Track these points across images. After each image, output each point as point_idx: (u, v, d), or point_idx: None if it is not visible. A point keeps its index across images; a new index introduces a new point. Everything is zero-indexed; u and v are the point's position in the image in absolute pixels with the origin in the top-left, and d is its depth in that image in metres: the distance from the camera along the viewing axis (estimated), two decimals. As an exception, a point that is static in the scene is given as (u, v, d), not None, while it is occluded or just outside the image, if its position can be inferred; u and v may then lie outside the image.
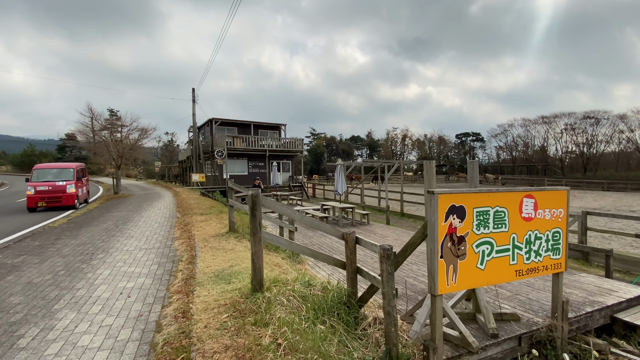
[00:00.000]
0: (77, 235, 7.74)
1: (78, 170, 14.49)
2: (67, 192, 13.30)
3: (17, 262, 5.52)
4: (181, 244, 6.59)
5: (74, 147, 56.88)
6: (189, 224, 8.37)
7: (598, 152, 61.78)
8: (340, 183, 12.61)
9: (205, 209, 11.03)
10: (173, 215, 10.59)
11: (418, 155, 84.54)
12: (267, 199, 4.59)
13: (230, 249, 5.86)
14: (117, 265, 5.31)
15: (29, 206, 12.71)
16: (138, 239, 7.26)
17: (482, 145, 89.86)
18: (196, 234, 7.10)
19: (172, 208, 12.55)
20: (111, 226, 8.85)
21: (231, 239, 6.52)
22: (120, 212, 11.58)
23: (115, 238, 7.35)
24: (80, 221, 9.75)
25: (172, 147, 71.53)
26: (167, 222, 9.43)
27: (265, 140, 25.87)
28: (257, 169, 26.61)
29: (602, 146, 61.47)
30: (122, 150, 18.78)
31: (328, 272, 6.42)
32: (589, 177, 52.41)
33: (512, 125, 75.02)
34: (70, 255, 5.95)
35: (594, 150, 62.12)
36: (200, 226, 7.94)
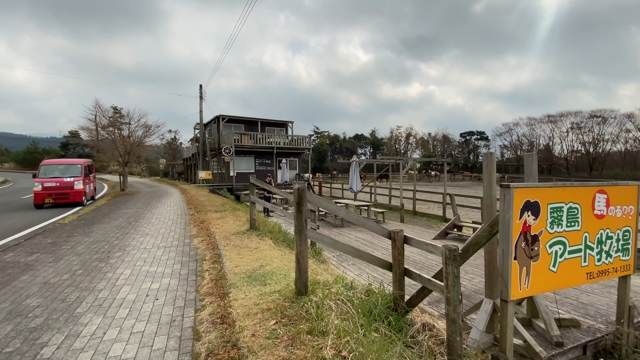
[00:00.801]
0: (90, 232, 7.42)
1: (86, 167, 14.20)
2: (75, 189, 13.00)
3: (30, 261, 5.20)
4: (201, 241, 6.26)
5: (77, 145, 56.67)
6: (205, 221, 8.04)
7: (604, 152, 61.23)
8: (355, 180, 12.26)
9: (218, 206, 10.70)
10: (185, 213, 10.26)
11: (422, 154, 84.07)
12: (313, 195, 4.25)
13: (255, 247, 5.52)
14: (137, 264, 4.98)
15: (36, 203, 12.41)
16: (154, 236, 6.93)
17: (486, 144, 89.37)
18: (215, 231, 6.77)
19: (182, 205, 12.23)
20: (123, 223, 8.53)
21: (254, 237, 6.18)
22: (130, 209, 11.27)
23: (129, 235, 7.03)
24: (91, 218, 9.44)
25: (175, 145, 71.24)
26: (181, 219, 9.10)
27: (272, 138, 25.52)
28: (264, 166, 26.28)
29: (608, 145, 60.93)
30: (130, 146, 18.46)
31: (355, 273, 6.09)
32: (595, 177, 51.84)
33: (517, 124, 74.56)
34: (85, 253, 5.63)
35: (599, 149, 61.58)
36: (218, 224, 7.60)
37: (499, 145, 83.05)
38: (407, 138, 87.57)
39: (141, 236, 6.96)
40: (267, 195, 13.66)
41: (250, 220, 6.71)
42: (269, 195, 13.69)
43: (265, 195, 13.69)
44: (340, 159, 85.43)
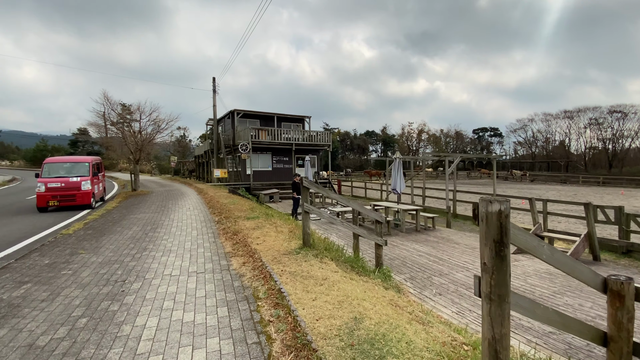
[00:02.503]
0: (98, 247, 5.96)
1: (94, 165, 12.83)
2: (82, 190, 11.64)
3: (16, 298, 3.73)
4: (242, 264, 4.74)
5: (87, 142, 55.98)
6: (238, 233, 6.52)
7: (623, 148, 58.51)
8: (398, 180, 10.67)
9: (247, 210, 9.19)
10: (209, 219, 8.78)
11: (433, 151, 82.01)
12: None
13: (323, 277, 3.97)
14: (165, 306, 3.47)
15: (39, 206, 11.08)
16: (179, 254, 5.44)
17: (499, 141, 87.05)
18: (258, 249, 5.23)
19: (202, 209, 10.76)
20: (139, 234, 7.07)
21: (312, 260, 4.63)
22: (145, 214, 9.83)
23: (148, 253, 5.55)
24: (100, 226, 8.01)
25: (184, 143, 70.25)
26: (206, 227, 7.62)
27: (289, 134, 23.97)
28: (282, 164, 24.77)
29: (627, 142, 58.18)
30: (141, 142, 17.08)
31: (452, 310, 4.49)
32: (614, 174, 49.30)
33: (532, 120, 72.03)
34: (92, 284, 4.14)
35: (619, 146, 58.87)
36: (256, 236, 6.08)
37: (513, 142, 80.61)
38: (420, 134, 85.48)
39: (163, 254, 5.47)
40: (297, 197, 12.14)
41: (303, 235, 5.17)
42: (298, 197, 12.16)
43: (294, 197, 12.17)
44: (351, 156, 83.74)
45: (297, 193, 12.07)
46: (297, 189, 12.11)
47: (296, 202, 12.20)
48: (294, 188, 12.14)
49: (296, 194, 12.09)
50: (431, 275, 5.87)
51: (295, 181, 12.29)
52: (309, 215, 5.21)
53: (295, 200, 12.14)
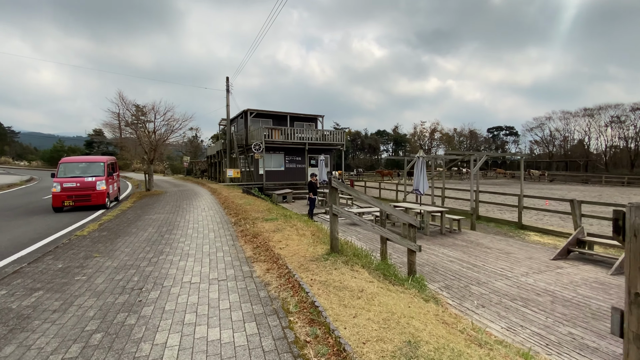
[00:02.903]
0: (113, 250, 5.68)
1: (109, 165, 12.71)
2: (97, 190, 11.50)
3: (26, 308, 3.44)
4: (266, 271, 4.36)
5: (101, 143, 56.88)
6: (258, 235, 6.16)
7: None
8: (421, 181, 10.16)
9: (264, 211, 8.85)
10: (225, 220, 8.46)
11: (446, 150, 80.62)
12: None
13: (359, 288, 3.56)
14: (187, 320, 3.12)
15: (55, 205, 10.98)
16: (198, 259, 5.10)
17: (515, 140, 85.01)
18: (282, 254, 4.85)
19: (217, 209, 10.47)
20: (154, 235, 6.79)
21: (342, 268, 4.22)
22: (160, 215, 9.59)
23: (165, 257, 5.23)
24: (115, 227, 7.77)
25: (196, 143, 70.77)
26: (223, 229, 7.29)
27: (302, 133, 23.61)
28: (294, 164, 24.44)
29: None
30: (156, 142, 16.98)
31: (501, 325, 4.01)
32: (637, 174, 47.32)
33: (550, 118, 69.90)
34: (107, 292, 3.83)
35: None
36: (277, 239, 5.70)
37: (529, 141, 78.58)
38: (432, 134, 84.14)
39: (181, 258, 5.15)
40: (313, 197, 11.76)
41: (331, 239, 4.76)
42: (314, 198, 11.78)
43: (310, 197, 11.79)
44: (362, 156, 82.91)
45: (313, 193, 11.70)
46: (313, 189, 11.73)
47: (312, 203, 11.83)
48: (310, 188, 11.77)
49: (312, 194, 11.72)
50: (468, 283, 5.39)
51: (312, 181, 11.91)
52: (337, 218, 4.80)
53: (312, 200, 11.76)
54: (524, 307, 4.56)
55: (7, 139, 77.59)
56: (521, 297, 4.89)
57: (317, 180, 12.19)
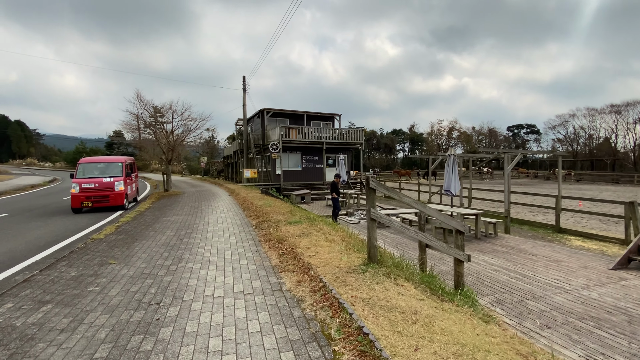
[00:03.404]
0: (130, 256, 5.30)
1: (127, 165, 12.55)
2: (116, 190, 11.33)
3: (31, 326, 3.04)
4: (297, 283, 3.85)
5: (121, 144, 58.14)
6: (282, 240, 5.66)
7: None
8: (453, 181, 9.46)
9: (285, 214, 8.37)
10: (246, 223, 8.03)
11: (464, 149, 78.63)
12: None
13: (411, 309, 2.99)
14: (212, 346, 2.63)
15: (74, 206, 10.86)
16: (220, 267, 4.65)
17: (536, 138, 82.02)
18: (313, 263, 4.33)
19: (237, 211, 10.08)
20: (173, 239, 6.40)
21: (385, 281, 3.66)
22: (178, 216, 9.27)
23: (184, 264, 4.80)
24: (132, 230, 7.45)
25: (212, 144, 71.44)
26: (244, 233, 6.84)
27: (320, 132, 23.09)
28: (312, 163, 23.95)
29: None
30: (174, 142, 16.83)
31: (578, 353, 3.36)
32: None
33: (573, 115, 66.85)
34: (121, 306, 3.40)
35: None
36: (305, 246, 5.18)
37: (552, 139, 75.57)
38: (450, 132, 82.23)
39: (201, 266, 4.70)
40: (336, 198, 11.22)
41: (369, 248, 4.20)
42: (336, 198, 11.24)
43: (333, 198, 11.26)
44: (377, 156, 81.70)
45: (336, 194, 11.15)
46: (336, 189, 11.20)
47: (336, 204, 11.28)
48: (333, 189, 11.23)
49: (335, 195, 11.18)
50: (522, 298, 4.72)
51: (335, 182, 11.37)
52: (375, 223, 4.24)
53: (335, 201, 11.22)
54: (598, 328, 3.88)
55: (33, 141, 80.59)
56: (590, 315, 4.20)
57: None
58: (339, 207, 11.54)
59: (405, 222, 10.05)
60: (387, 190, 4.19)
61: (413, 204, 4.34)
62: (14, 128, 74.10)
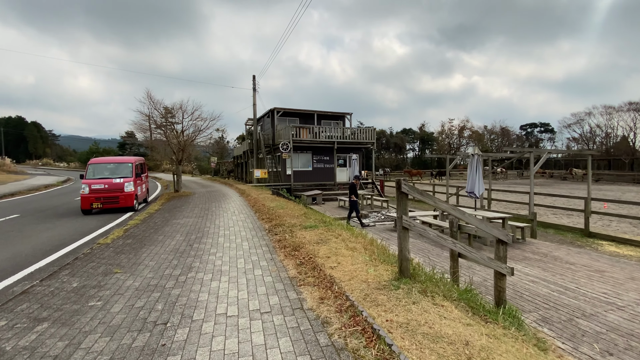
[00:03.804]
0: (137, 264, 4.94)
1: (137, 165, 12.31)
2: (125, 192, 11.09)
3: (22, 352, 2.67)
4: (320, 300, 3.40)
5: (133, 144, 58.70)
6: (299, 248, 5.23)
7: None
8: (477, 182, 8.89)
9: (299, 217, 7.94)
10: (258, 227, 7.63)
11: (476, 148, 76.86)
12: None
13: (460, 339, 2.52)
14: (226, 384, 2.21)
15: (83, 208, 10.65)
16: (233, 278, 4.24)
17: (551, 137, 79.92)
18: (335, 275, 3.89)
19: (248, 213, 9.70)
20: (182, 245, 6.04)
21: (422, 300, 3.19)
22: (188, 219, 8.94)
23: (194, 274, 4.41)
24: (140, 234, 7.13)
25: (222, 144, 71.67)
26: (257, 238, 6.44)
27: (331, 131, 22.62)
28: (322, 163, 23.51)
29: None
30: (184, 142, 16.61)
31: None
32: None
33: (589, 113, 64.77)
34: (123, 327, 3.01)
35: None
36: (325, 254, 4.74)
37: (567, 138, 73.45)
38: (461, 131, 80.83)
39: (212, 277, 4.31)
40: (354, 200, 10.76)
41: (400, 261, 3.74)
42: (354, 201, 10.77)
43: (352, 200, 10.79)
44: (387, 155, 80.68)
45: (355, 196, 10.68)
46: (355, 191, 10.72)
47: (355, 206, 10.80)
48: (352, 191, 10.74)
49: (354, 197, 10.69)
50: (571, 316, 4.18)
51: (354, 183, 10.87)
52: (408, 232, 3.77)
53: (354, 203, 10.73)
54: (669, 356, 3.33)
55: (49, 142, 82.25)
56: None
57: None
58: (359, 210, 11.05)
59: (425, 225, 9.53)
60: (421, 194, 3.71)
61: (450, 210, 3.85)
62: (30, 129, 75.70)
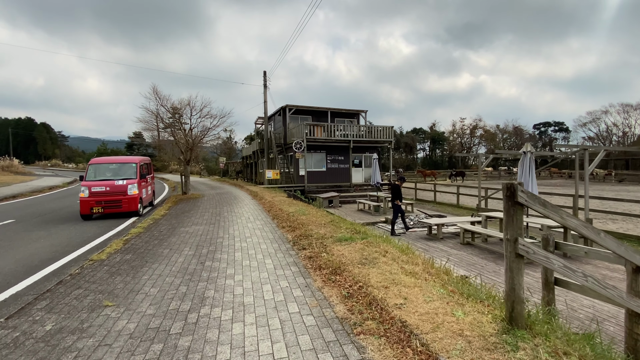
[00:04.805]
0: (134, 292, 3.85)
1: (142, 166, 11.31)
2: (129, 195, 10.08)
3: None
4: (398, 367, 2.26)
5: (141, 145, 58.33)
6: (341, 271, 4.09)
7: None
8: (530, 183, 7.61)
9: (327, 225, 6.80)
10: (279, 237, 6.51)
11: (487, 149, 75.41)
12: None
13: None
14: None
15: (83, 213, 9.67)
16: (260, 317, 3.11)
17: (565, 136, 77.68)
18: (410, 322, 2.73)
19: (265, 219, 8.60)
20: (192, 262, 4.95)
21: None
22: (197, 226, 7.87)
23: (209, 309, 3.30)
24: (142, 246, 6.06)
25: (230, 144, 70.99)
26: (281, 252, 5.32)
27: (347, 130, 21.45)
28: (337, 163, 22.35)
29: None
30: (192, 142, 15.62)
31: None
32: None
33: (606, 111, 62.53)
34: (103, 421, 1.91)
35: None
36: (379, 282, 3.58)
37: (582, 138, 71.13)
38: (473, 131, 79.05)
39: (233, 315, 3.18)
40: (397, 205, 9.58)
41: (511, 303, 2.57)
42: (398, 205, 9.59)
43: (396, 205, 9.61)
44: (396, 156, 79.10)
45: (399, 200, 9.49)
46: (399, 195, 9.53)
47: (400, 212, 9.61)
48: (396, 194, 9.55)
49: (399, 202, 9.50)
50: None
51: (397, 185, 9.65)
52: (523, 260, 2.59)
53: (397, 209, 9.52)
54: None
55: (58, 143, 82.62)
56: None
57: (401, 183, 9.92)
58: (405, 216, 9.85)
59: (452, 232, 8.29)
60: (545, 207, 2.53)
61: (582, 229, 2.66)
62: (39, 130, 76.04)
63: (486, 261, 6.78)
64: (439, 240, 8.75)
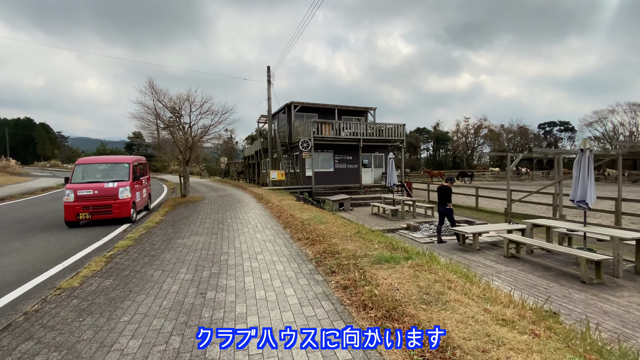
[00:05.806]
0: (104, 348, 2.67)
1: (136, 166, 10.13)
2: (120, 199, 8.91)
3: None
4: None
5: (141, 145, 57.24)
6: (397, 313, 2.91)
7: None
8: (589, 187, 6.38)
9: (353, 237, 5.61)
10: (296, 252, 5.33)
11: (492, 148, 74.32)
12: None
13: None
14: None
15: (67, 219, 8.52)
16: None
17: (570, 136, 76.53)
18: None
19: (275, 227, 7.42)
20: (189, 292, 3.77)
21: None
22: (197, 237, 6.69)
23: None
24: (128, 266, 4.88)
25: (231, 144, 69.83)
26: (304, 277, 4.13)
27: (356, 128, 20.25)
28: (345, 164, 21.15)
29: None
30: (192, 140, 14.44)
31: None
32: None
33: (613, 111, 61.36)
34: None
35: None
36: (466, 339, 2.41)
37: (588, 137, 69.88)
38: (478, 130, 77.99)
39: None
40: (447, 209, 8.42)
41: None
42: (447, 209, 8.43)
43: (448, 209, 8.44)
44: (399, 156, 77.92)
45: (449, 203, 8.34)
46: (449, 197, 8.38)
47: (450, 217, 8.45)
48: (446, 197, 8.39)
49: (450, 205, 8.35)
50: None
51: (447, 187, 8.46)
52: None
53: (446, 212, 8.36)
54: None
55: (57, 143, 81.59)
56: None
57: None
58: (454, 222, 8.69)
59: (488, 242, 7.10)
60: None
61: None
62: (38, 131, 75.01)
63: (547, 281, 5.60)
64: (477, 252, 7.57)
